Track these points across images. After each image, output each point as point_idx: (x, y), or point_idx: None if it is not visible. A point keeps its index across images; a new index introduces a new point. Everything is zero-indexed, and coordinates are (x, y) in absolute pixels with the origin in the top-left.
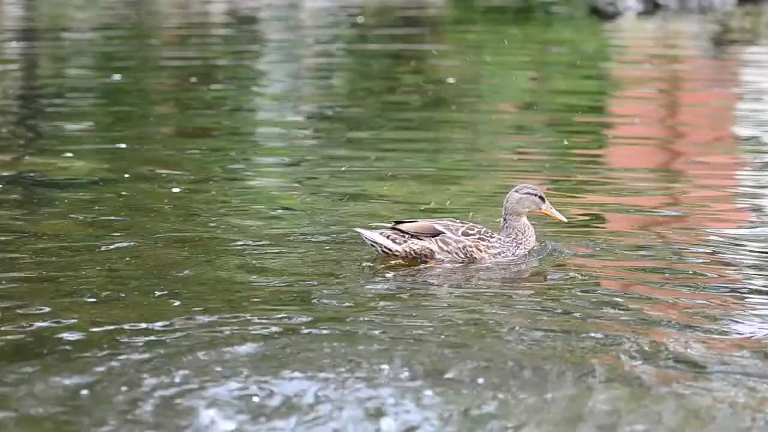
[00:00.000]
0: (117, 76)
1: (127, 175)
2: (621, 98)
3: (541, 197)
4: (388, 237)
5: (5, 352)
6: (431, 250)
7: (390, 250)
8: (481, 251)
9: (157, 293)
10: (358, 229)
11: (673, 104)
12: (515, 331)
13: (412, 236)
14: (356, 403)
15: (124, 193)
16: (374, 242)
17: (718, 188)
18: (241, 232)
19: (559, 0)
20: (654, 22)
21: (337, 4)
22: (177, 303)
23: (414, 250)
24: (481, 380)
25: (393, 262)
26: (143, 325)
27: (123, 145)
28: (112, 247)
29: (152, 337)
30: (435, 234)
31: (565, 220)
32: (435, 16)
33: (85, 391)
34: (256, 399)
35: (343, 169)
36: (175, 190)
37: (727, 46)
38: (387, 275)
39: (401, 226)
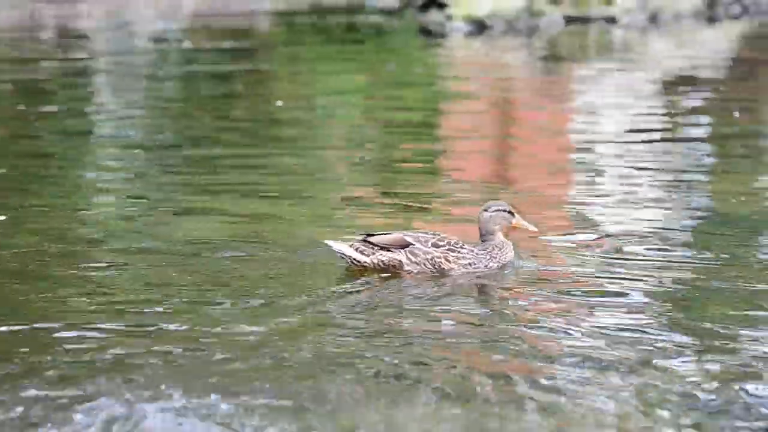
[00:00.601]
0: None
1: None
2: (453, 114)
3: (509, 212)
4: (356, 249)
5: None
6: (400, 261)
7: (359, 261)
8: (450, 262)
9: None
10: (327, 242)
11: (505, 119)
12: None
13: (381, 248)
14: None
15: None
16: (343, 254)
17: (548, 197)
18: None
19: (386, 21)
20: (482, 42)
21: (167, 26)
22: None
23: (382, 261)
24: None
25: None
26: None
27: None
28: None
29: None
30: (404, 246)
31: (536, 229)
32: (263, 38)
33: None
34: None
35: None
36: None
37: (556, 65)
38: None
39: (371, 239)
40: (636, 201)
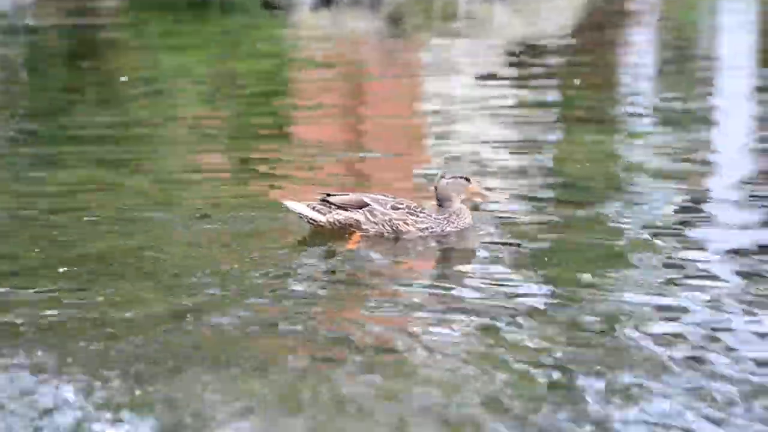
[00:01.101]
0: None
1: None
2: (301, 83)
3: (466, 179)
4: (313, 208)
5: None
6: (357, 220)
7: (315, 220)
8: (408, 225)
9: None
10: (285, 202)
11: (353, 88)
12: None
13: (339, 207)
14: None
15: None
16: (300, 214)
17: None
18: None
19: None
20: (328, 14)
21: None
22: None
23: (338, 220)
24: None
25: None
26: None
27: None
28: None
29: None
30: (363, 206)
31: (491, 197)
32: (109, 14)
33: None
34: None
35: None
36: None
37: (401, 34)
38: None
39: (330, 199)
40: (484, 165)
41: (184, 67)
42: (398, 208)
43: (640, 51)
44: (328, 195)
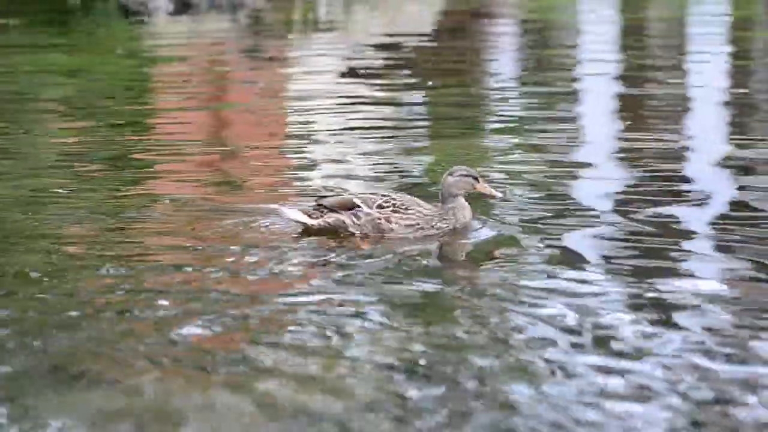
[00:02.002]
0: None
1: None
2: (164, 88)
3: (475, 177)
4: (305, 213)
5: None
6: (344, 222)
7: (307, 225)
8: (390, 223)
9: None
10: (279, 208)
11: (218, 90)
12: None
13: (330, 210)
14: None
15: None
16: (294, 219)
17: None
18: None
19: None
20: (187, 20)
21: None
22: None
23: (328, 222)
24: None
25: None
26: None
27: None
28: None
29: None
30: (351, 207)
31: (499, 195)
32: None
33: None
34: None
35: None
36: None
37: (261, 38)
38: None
39: (322, 201)
40: (347, 168)
41: (43, 70)
42: (384, 207)
43: (499, 51)
44: (321, 197)
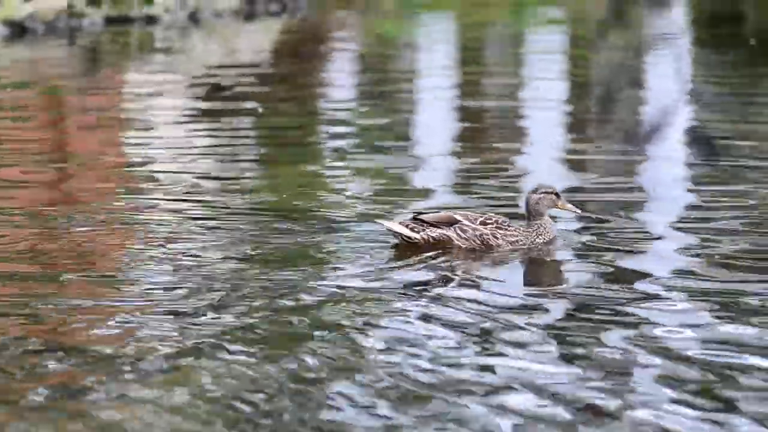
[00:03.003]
0: None
1: None
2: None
3: (556, 194)
4: (407, 226)
5: None
6: (449, 236)
7: (410, 238)
8: (497, 239)
9: None
10: (380, 221)
11: (55, 107)
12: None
13: (431, 225)
14: None
15: None
16: (394, 232)
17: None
18: None
19: None
20: (22, 46)
21: None
22: None
23: (432, 236)
24: None
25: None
26: None
27: None
28: None
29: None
30: (453, 223)
31: (580, 212)
32: None
33: None
34: None
35: None
36: None
37: (98, 64)
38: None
39: (422, 217)
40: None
41: None
42: (487, 224)
43: (339, 73)
44: (419, 213)
